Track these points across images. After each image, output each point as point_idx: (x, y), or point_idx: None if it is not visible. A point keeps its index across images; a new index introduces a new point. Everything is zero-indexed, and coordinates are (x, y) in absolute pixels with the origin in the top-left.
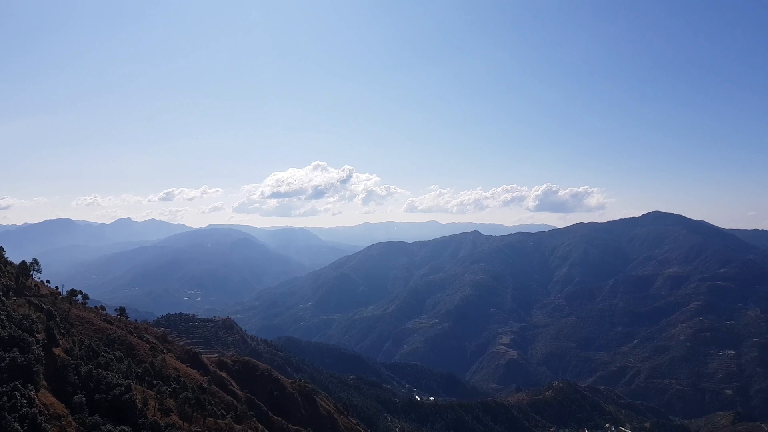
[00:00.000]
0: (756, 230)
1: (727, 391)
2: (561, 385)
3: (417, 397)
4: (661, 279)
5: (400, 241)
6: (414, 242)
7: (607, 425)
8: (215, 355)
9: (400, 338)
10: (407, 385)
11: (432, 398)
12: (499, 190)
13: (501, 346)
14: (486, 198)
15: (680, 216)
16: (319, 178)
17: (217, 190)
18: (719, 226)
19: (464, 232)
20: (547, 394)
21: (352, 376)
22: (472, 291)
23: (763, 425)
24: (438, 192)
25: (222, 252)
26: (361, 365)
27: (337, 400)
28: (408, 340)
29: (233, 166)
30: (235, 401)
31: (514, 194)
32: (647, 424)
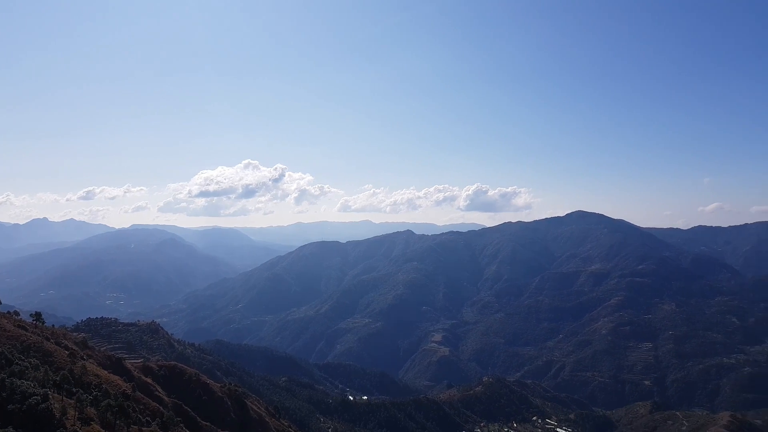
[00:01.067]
0: (671, 229)
1: (646, 382)
2: (490, 380)
3: (350, 397)
4: (584, 276)
5: (333, 241)
6: (347, 242)
7: (534, 418)
8: (140, 361)
9: (334, 338)
10: (340, 386)
11: (365, 398)
12: (431, 190)
13: (433, 344)
14: (419, 198)
15: (602, 215)
16: (250, 177)
17: (141, 189)
18: (637, 224)
19: (397, 232)
20: (477, 389)
21: (284, 378)
22: (405, 290)
23: (678, 413)
24: (372, 191)
25: (146, 253)
26: (293, 367)
27: (269, 402)
28: (341, 340)
29: (159, 164)
30: (161, 407)
31: (446, 194)
32: (572, 416)
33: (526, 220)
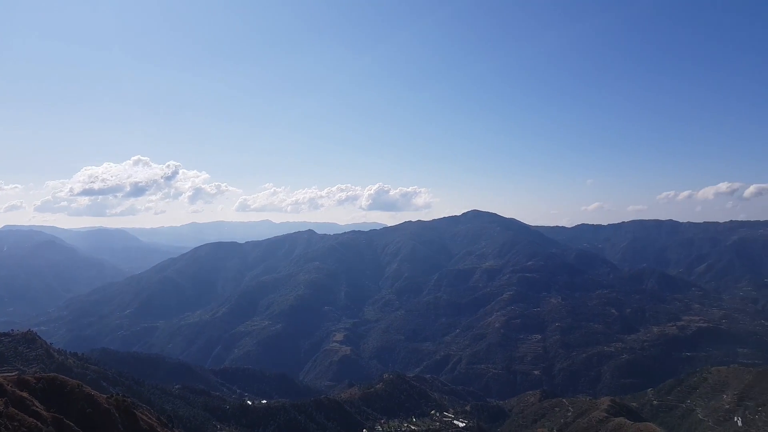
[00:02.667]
0: (557, 227)
1: (535, 372)
2: (391, 377)
3: (248, 401)
4: (479, 272)
5: (231, 242)
6: (246, 242)
7: (432, 412)
8: (14, 374)
9: (231, 342)
10: (238, 391)
11: (264, 401)
12: (334, 189)
13: (335, 343)
14: (321, 197)
15: (495, 214)
16: (141, 175)
17: (15, 187)
18: (527, 223)
19: (299, 231)
20: (378, 386)
21: (177, 386)
22: (306, 290)
23: (564, 400)
24: (272, 190)
25: (21, 256)
26: (188, 373)
27: (161, 412)
28: (239, 344)
29: (36, 159)
30: (39, 423)
31: (348, 194)
32: (468, 407)
33: (425, 219)
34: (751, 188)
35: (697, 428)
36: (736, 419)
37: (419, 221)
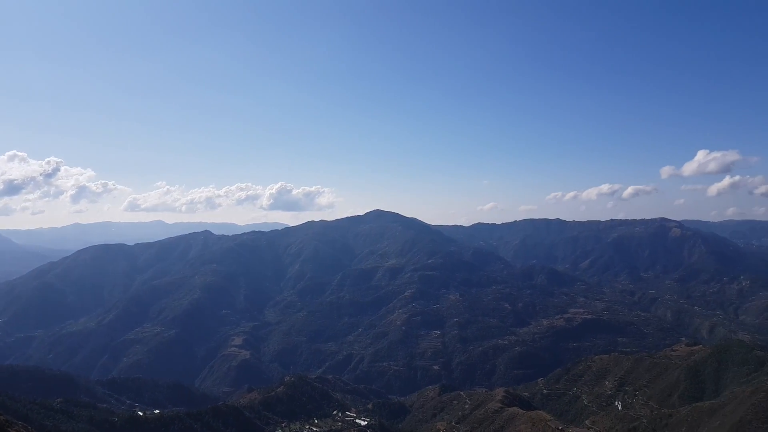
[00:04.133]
0: (455, 226)
1: (435, 367)
2: (292, 379)
3: (139, 412)
4: (382, 271)
5: (119, 244)
6: (136, 244)
7: (335, 412)
8: None
9: (119, 351)
10: (128, 402)
11: (157, 411)
12: (233, 188)
13: (233, 348)
14: (219, 196)
15: (397, 214)
16: (16, 171)
17: None
18: (428, 222)
19: (194, 232)
20: (278, 390)
21: (59, 400)
22: (203, 294)
23: (462, 393)
24: (165, 189)
25: None
26: (70, 386)
27: (40, 428)
28: (129, 353)
29: None
30: None
31: (248, 193)
32: (370, 406)
33: (328, 219)
34: (629, 189)
35: (582, 413)
36: (616, 403)
37: (322, 221)
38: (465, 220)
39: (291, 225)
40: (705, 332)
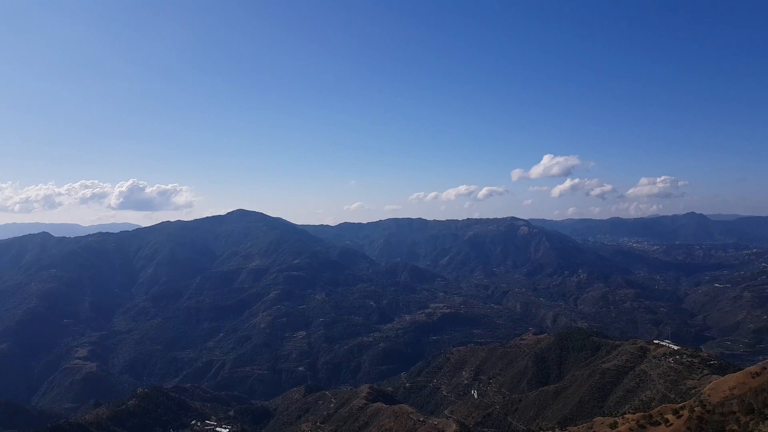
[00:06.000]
0: (322, 225)
1: (300, 368)
2: (145, 391)
3: None
4: (245, 273)
5: None
6: None
7: (193, 422)
8: None
9: None
10: None
11: None
12: (76, 185)
13: (77, 360)
14: (59, 194)
15: (262, 213)
16: None
17: None
18: (293, 222)
19: (30, 234)
20: (130, 403)
21: None
22: (40, 302)
23: (327, 392)
24: None
25: None
26: None
27: None
28: None
29: None
30: None
31: (95, 191)
32: (231, 413)
33: (186, 219)
34: (484, 190)
35: (442, 404)
36: (473, 392)
37: (179, 221)
38: (332, 220)
39: (143, 226)
40: (549, 321)
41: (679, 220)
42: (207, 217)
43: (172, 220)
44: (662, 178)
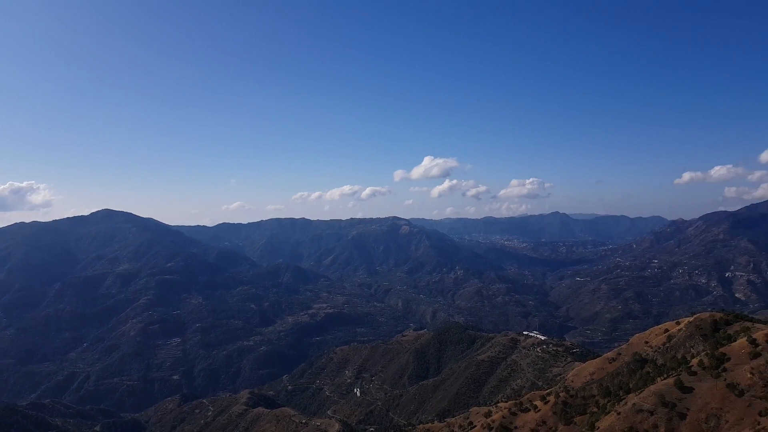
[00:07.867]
0: (198, 226)
1: (175, 377)
2: None
3: None
4: (112, 278)
5: None
6: None
7: None
8: None
9: None
10: None
11: None
12: None
13: None
14: None
15: (130, 214)
16: None
17: None
18: (166, 223)
19: None
20: None
21: None
22: None
23: (204, 401)
24: None
25: None
26: None
27: None
28: None
29: None
30: None
31: None
32: (98, 428)
33: (43, 220)
34: (367, 190)
35: (325, 404)
36: (355, 390)
37: (35, 222)
38: (209, 220)
39: None
40: (429, 317)
41: (545, 219)
42: (68, 218)
43: (27, 221)
44: (531, 179)
